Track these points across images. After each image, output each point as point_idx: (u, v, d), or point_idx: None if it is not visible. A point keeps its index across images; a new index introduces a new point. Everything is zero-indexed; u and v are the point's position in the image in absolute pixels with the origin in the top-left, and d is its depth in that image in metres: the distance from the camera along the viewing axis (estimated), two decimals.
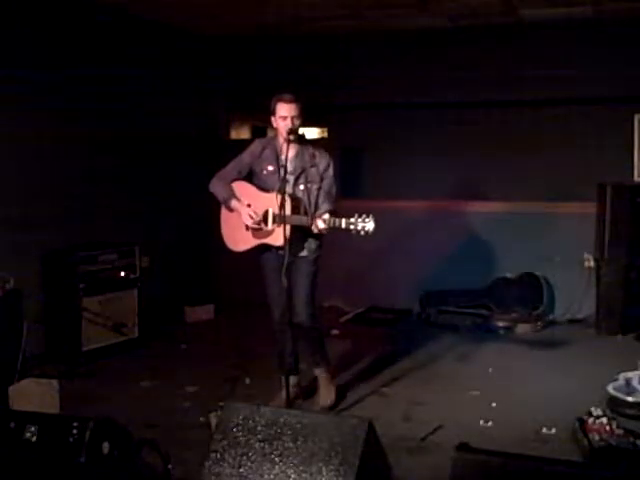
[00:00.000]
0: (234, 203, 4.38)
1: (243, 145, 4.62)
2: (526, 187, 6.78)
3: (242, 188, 4.43)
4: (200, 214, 6.59)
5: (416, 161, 6.99)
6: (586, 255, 6.47)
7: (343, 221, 3.99)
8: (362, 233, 3.94)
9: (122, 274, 5.81)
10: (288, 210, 4.15)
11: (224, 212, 4.52)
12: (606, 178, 6.23)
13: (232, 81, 7.61)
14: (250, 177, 4.48)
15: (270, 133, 7.93)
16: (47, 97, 5.63)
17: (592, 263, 6.42)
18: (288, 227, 4.11)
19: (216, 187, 4.45)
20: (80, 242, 5.73)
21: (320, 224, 4.07)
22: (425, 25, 6.63)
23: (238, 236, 4.44)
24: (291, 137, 4.20)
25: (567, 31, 6.41)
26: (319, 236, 4.33)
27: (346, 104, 7.34)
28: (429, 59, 6.87)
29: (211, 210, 4.78)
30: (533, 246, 6.68)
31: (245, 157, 4.44)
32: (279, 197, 4.10)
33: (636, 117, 6.51)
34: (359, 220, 3.95)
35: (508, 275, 6.79)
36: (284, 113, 4.22)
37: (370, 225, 3.92)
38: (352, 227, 3.95)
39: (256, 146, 4.44)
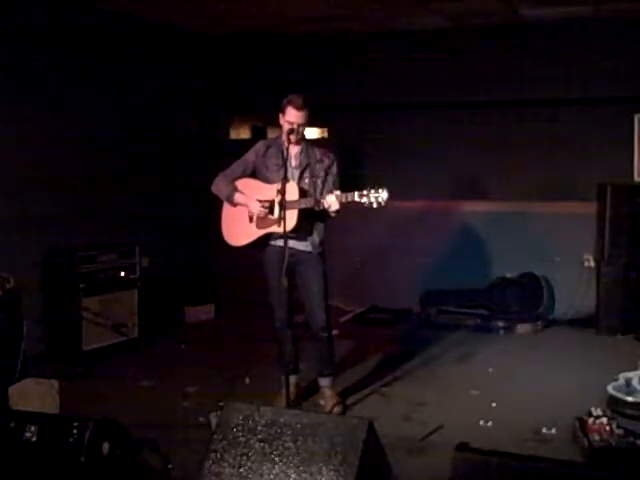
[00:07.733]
0: (238, 196, 4.34)
1: (243, 145, 4.61)
2: (526, 187, 6.78)
3: (245, 183, 4.39)
4: (200, 214, 6.59)
5: (416, 161, 6.98)
6: (586, 255, 6.47)
7: (356, 194, 3.98)
8: (375, 205, 3.93)
9: (122, 274, 5.81)
10: (295, 195, 4.14)
11: (226, 208, 4.48)
12: (606, 178, 6.24)
13: (232, 81, 7.61)
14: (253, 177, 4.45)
15: (271, 133, 7.96)
16: (47, 97, 5.64)
17: (592, 263, 6.42)
18: (291, 221, 4.08)
19: (219, 185, 4.41)
20: (80, 242, 5.73)
21: (330, 198, 4.05)
22: (425, 25, 6.63)
23: (240, 229, 4.39)
24: (292, 137, 4.22)
25: (567, 31, 6.41)
26: (323, 230, 4.34)
27: (346, 104, 7.33)
28: (429, 59, 6.86)
29: (211, 210, 4.77)
30: (533, 246, 6.67)
31: (250, 156, 4.42)
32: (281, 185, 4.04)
33: (636, 117, 6.49)
34: (372, 191, 3.94)
35: (508, 275, 6.79)
36: (292, 119, 4.21)
37: (384, 195, 3.92)
38: (365, 199, 3.95)
39: (260, 146, 4.43)
